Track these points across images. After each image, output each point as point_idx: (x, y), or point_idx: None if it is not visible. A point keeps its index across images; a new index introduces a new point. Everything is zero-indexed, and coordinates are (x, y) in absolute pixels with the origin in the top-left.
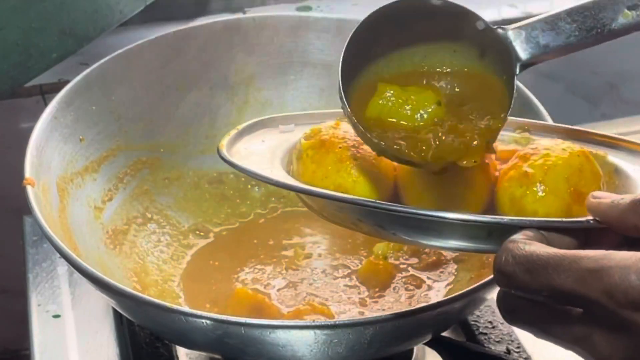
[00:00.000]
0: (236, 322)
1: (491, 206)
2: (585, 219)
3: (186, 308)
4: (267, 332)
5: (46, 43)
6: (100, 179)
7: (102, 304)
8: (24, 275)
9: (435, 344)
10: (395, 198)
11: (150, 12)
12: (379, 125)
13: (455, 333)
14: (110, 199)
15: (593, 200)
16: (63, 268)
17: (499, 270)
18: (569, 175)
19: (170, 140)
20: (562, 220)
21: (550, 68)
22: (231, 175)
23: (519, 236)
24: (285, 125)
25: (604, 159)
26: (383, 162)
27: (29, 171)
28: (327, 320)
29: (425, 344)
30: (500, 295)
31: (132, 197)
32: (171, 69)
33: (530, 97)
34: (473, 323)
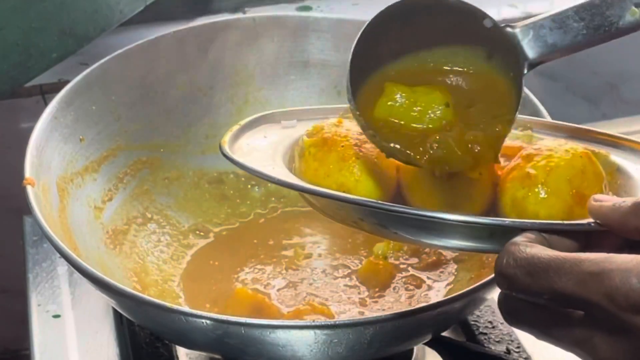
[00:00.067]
0: (236, 322)
1: (493, 205)
2: (587, 221)
3: (186, 308)
4: (267, 332)
5: (46, 43)
6: (100, 179)
7: (102, 304)
8: (24, 275)
9: (435, 344)
10: (398, 196)
11: (150, 12)
12: (387, 127)
13: (455, 333)
14: (110, 199)
15: (594, 203)
16: (63, 268)
17: (500, 272)
18: (572, 177)
19: (170, 140)
20: (564, 223)
21: (550, 68)
22: (231, 175)
23: (520, 238)
24: (288, 121)
25: (606, 158)
26: (385, 161)
27: (29, 171)
28: (327, 320)
29: (425, 344)
30: (502, 297)
31: (132, 197)
32: (171, 69)
33: (530, 97)
34: (473, 323)
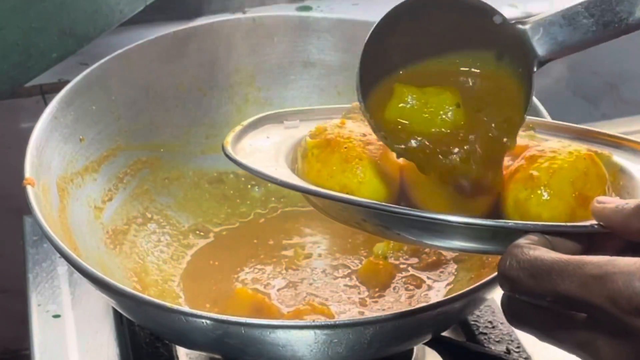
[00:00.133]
0: (236, 322)
1: (497, 206)
2: (590, 223)
3: (186, 308)
4: (267, 332)
5: (46, 43)
6: (100, 178)
7: (102, 304)
8: (24, 275)
9: (435, 344)
10: (402, 198)
11: (150, 12)
12: (398, 129)
13: (455, 333)
14: (110, 199)
15: (597, 205)
16: (63, 268)
17: (503, 274)
18: (574, 179)
19: (170, 140)
20: (567, 225)
21: (550, 68)
22: (231, 175)
23: (523, 240)
24: (290, 121)
25: (609, 159)
26: (389, 162)
27: (29, 171)
28: (327, 320)
29: (425, 344)
30: (505, 299)
31: (132, 197)
32: (171, 69)
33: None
34: (473, 323)
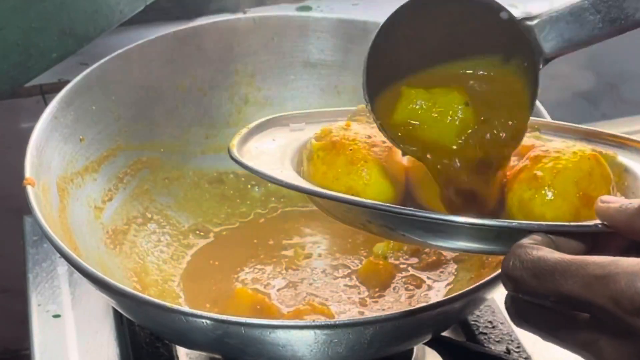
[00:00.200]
0: (236, 322)
1: (501, 205)
2: (594, 223)
3: (186, 308)
4: (267, 332)
5: (46, 43)
6: (100, 178)
7: (102, 304)
8: (24, 275)
9: (435, 344)
10: (406, 199)
11: (150, 12)
12: (408, 131)
13: (455, 333)
14: (110, 199)
15: (601, 204)
16: (63, 268)
17: (507, 274)
18: (579, 179)
19: (170, 140)
20: (570, 225)
21: (550, 68)
22: (231, 175)
23: (527, 240)
24: (296, 124)
25: (614, 159)
26: (394, 164)
27: (29, 171)
28: (327, 320)
29: (425, 344)
30: (509, 298)
31: (132, 197)
32: (171, 69)
33: None
34: (473, 323)
